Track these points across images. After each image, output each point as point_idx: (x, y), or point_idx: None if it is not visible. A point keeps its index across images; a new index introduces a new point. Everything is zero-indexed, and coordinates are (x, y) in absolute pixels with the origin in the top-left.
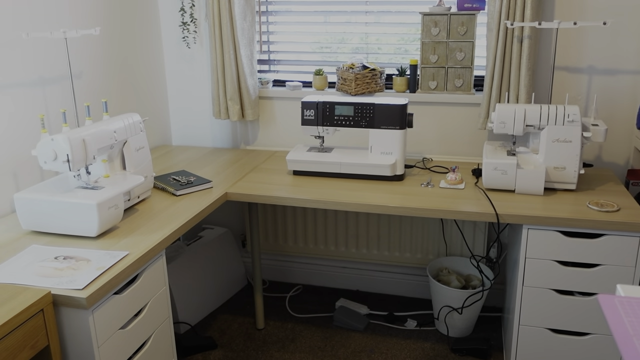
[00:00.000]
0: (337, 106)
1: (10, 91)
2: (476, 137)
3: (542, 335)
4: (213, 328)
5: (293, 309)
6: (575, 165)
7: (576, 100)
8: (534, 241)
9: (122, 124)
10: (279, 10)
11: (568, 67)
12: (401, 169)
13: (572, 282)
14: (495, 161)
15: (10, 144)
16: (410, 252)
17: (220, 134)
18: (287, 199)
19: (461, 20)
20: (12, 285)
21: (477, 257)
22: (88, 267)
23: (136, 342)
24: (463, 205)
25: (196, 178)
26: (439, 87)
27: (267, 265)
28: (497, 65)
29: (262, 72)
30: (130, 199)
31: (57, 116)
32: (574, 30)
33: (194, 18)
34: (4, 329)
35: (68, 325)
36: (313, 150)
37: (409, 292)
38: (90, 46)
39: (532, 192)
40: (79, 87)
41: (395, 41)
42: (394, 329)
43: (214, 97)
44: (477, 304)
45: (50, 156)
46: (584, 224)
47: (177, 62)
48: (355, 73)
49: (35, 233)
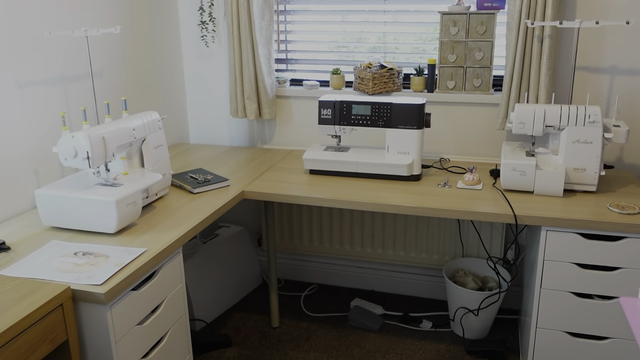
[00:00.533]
0: (354, 105)
1: (32, 89)
2: (494, 137)
3: (560, 338)
4: (228, 326)
5: (308, 308)
6: (596, 166)
7: (597, 100)
8: (552, 243)
9: (141, 122)
10: (296, 10)
11: (589, 67)
12: (418, 169)
13: (591, 285)
14: (514, 162)
15: (31, 141)
16: (426, 252)
17: (237, 133)
18: (303, 197)
19: (480, 19)
20: (33, 279)
21: (494, 259)
22: (107, 263)
23: (153, 338)
24: (480, 206)
25: (213, 176)
26: (457, 87)
27: (282, 264)
28: (516, 65)
29: (280, 71)
30: (148, 196)
31: (77, 114)
32: (596, 30)
33: (212, 17)
34: (24, 322)
35: (86, 320)
36: (330, 150)
37: (424, 293)
38: (110, 45)
39: (552, 194)
40: (99, 85)
41: (413, 41)
42: (409, 329)
43: (232, 96)
44: (494, 306)
45: (71, 153)
46: (605, 226)
47: (196, 61)
48: (373, 72)
49: (56, 229)
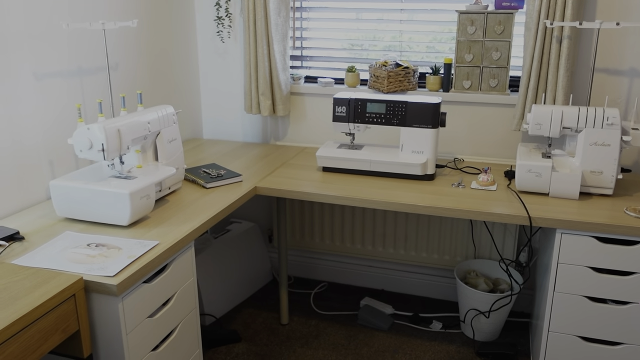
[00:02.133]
0: (369, 103)
1: (49, 81)
2: (510, 138)
3: (572, 343)
4: (238, 321)
5: (317, 306)
6: (613, 169)
7: (616, 103)
8: (567, 246)
9: (155, 116)
10: (312, 7)
11: (608, 68)
12: (432, 169)
13: (605, 289)
14: (530, 163)
15: (47, 132)
16: (437, 253)
17: (251, 129)
18: (316, 195)
19: (498, 19)
20: (46, 269)
21: (507, 261)
22: (119, 255)
23: (163, 331)
24: (494, 207)
25: (226, 171)
26: (473, 87)
27: (293, 261)
28: (534, 66)
29: (295, 68)
30: (161, 190)
31: (93, 106)
32: (616, 31)
33: (229, 13)
34: (37, 312)
35: (98, 311)
36: (343, 147)
37: (435, 294)
38: (127, 38)
39: (567, 196)
40: (115, 78)
41: (428, 40)
42: (419, 330)
43: (246, 92)
44: (505, 309)
45: (86, 145)
46: (621, 230)
47: (211, 56)
48: (388, 71)
49: (69, 220)
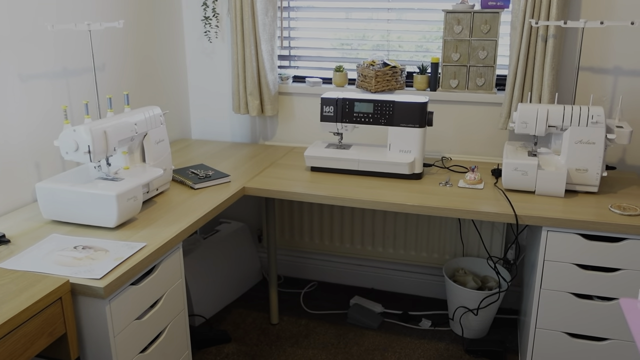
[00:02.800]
0: (356, 103)
1: (35, 82)
2: (496, 137)
3: (559, 339)
4: (227, 322)
5: (307, 305)
6: (598, 167)
7: (601, 101)
8: (553, 243)
9: (142, 117)
10: (300, 6)
11: (593, 67)
12: (420, 168)
13: (591, 286)
14: (516, 161)
15: (33, 134)
16: (426, 251)
17: (239, 129)
18: (305, 195)
19: (485, 18)
20: (32, 273)
21: (495, 259)
22: (106, 257)
23: (151, 333)
24: (482, 205)
25: (214, 172)
26: (460, 86)
27: (282, 261)
28: (520, 65)
29: (283, 67)
30: (149, 191)
31: (79, 108)
32: (600, 30)
33: (216, 13)
34: (23, 315)
35: (85, 314)
36: (331, 147)
37: (424, 292)
38: (113, 39)
39: (553, 194)
40: (102, 79)
41: (416, 39)
42: (408, 328)
43: (234, 92)
44: (493, 306)
45: (72, 147)
46: (606, 227)
47: (198, 57)
48: (376, 70)
49: (56, 222)
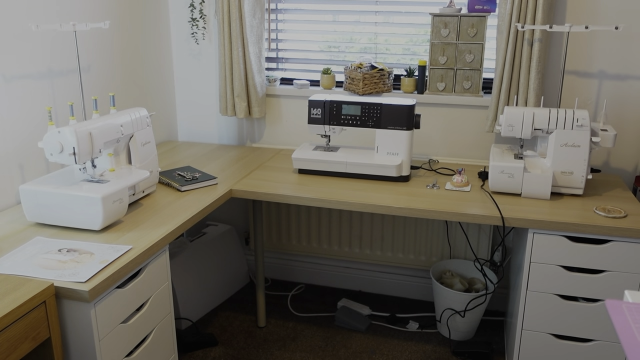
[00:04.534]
0: (344, 105)
1: (19, 83)
2: (483, 139)
3: (545, 340)
4: (214, 325)
5: (295, 308)
6: (583, 170)
7: (586, 104)
8: (539, 246)
9: (128, 118)
10: (288, 9)
11: (578, 71)
12: (407, 170)
13: (577, 287)
14: (502, 164)
15: (17, 135)
16: (413, 253)
17: (226, 131)
18: (292, 197)
19: (471, 22)
20: (15, 276)
21: (481, 261)
22: (91, 260)
23: (137, 337)
24: (468, 207)
25: (201, 174)
26: (447, 89)
27: (269, 264)
28: (506, 68)
29: (270, 70)
30: (135, 194)
31: (64, 109)
32: (585, 34)
33: (203, 14)
34: (6, 319)
35: (70, 317)
36: (319, 149)
37: (411, 294)
38: (99, 40)
39: (539, 196)
40: (87, 80)
41: (404, 42)
42: (396, 330)
43: (221, 94)
44: (480, 308)
45: (57, 148)
46: (591, 229)
47: (185, 58)
48: (363, 73)
49: (40, 225)
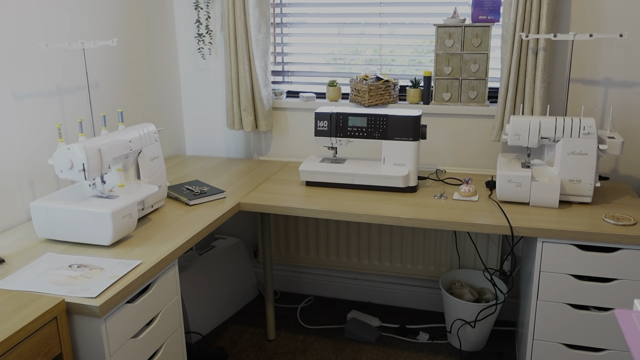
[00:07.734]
0: (350, 117)
1: (29, 100)
2: (490, 149)
3: (557, 350)
4: (224, 338)
5: (304, 321)
6: (591, 178)
7: (592, 112)
8: (548, 254)
9: (137, 134)
10: (293, 22)
11: (584, 79)
12: (414, 181)
13: (587, 296)
14: (510, 173)
15: (27, 152)
16: (422, 264)
17: (233, 145)
18: (300, 209)
19: (475, 32)
20: (27, 292)
21: (491, 270)
22: (101, 275)
23: (148, 351)
24: (477, 217)
25: (209, 188)
26: (452, 99)
27: (278, 276)
28: (511, 77)
29: (276, 83)
30: (144, 208)
31: (73, 126)
32: (590, 42)
33: (209, 30)
34: (17, 336)
35: (81, 333)
36: (326, 161)
37: (421, 305)
38: (107, 57)
39: (547, 205)
40: (96, 97)
41: (409, 53)
42: (406, 342)
43: (228, 108)
44: (490, 318)
45: (67, 165)
46: (600, 237)
47: (192, 73)
48: (369, 84)
49: (51, 241)
